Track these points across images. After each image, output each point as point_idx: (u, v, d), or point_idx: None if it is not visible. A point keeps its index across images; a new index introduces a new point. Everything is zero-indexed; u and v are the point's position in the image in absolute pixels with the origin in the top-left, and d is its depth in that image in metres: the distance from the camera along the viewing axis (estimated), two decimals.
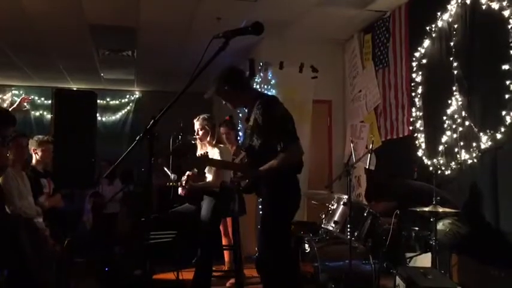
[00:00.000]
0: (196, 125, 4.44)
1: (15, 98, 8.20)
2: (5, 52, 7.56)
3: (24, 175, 4.30)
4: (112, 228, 7.23)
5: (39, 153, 4.68)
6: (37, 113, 10.04)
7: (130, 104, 10.52)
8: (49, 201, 4.62)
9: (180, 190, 4.45)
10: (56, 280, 4.24)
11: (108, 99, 10.36)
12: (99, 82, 9.63)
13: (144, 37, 6.87)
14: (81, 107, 6.06)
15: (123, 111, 10.48)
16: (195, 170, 4.54)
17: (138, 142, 2.14)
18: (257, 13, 5.64)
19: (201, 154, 3.85)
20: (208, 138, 4.41)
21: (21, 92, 9.95)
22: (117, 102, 10.48)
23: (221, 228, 5.13)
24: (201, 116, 4.47)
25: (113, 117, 10.43)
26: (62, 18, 6.17)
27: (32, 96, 9.23)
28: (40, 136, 4.82)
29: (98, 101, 7.37)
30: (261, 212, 3.26)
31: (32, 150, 4.63)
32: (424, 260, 4.10)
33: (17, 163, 4.25)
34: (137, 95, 10.56)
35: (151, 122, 2.12)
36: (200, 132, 4.41)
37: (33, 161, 4.67)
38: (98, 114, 8.58)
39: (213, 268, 4.54)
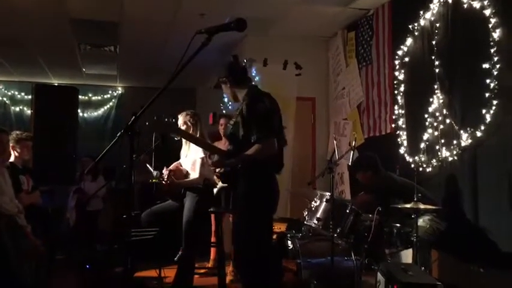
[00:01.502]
0: (180, 120, 4.44)
1: None
2: None
3: (5, 171, 4.22)
4: (94, 225, 7.16)
5: (18, 150, 4.59)
6: (17, 109, 9.87)
7: (113, 100, 10.38)
8: (27, 198, 4.53)
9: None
10: (36, 277, 4.18)
11: (90, 95, 10.22)
12: (81, 77, 9.49)
13: (127, 32, 6.79)
14: (62, 103, 6.00)
15: (106, 107, 10.35)
16: (181, 167, 4.51)
17: (118, 139, 2.11)
18: (241, 10, 5.62)
19: (174, 123, 3.82)
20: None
21: (0, 87, 9.79)
22: (100, 98, 10.34)
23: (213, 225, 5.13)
24: (184, 112, 4.46)
25: (95, 113, 10.29)
26: (42, 12, 6.05)
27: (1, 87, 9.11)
28: (18, 132, 4.72)
29: (80, 96, 7.28)
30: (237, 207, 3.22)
31: (10, 147, 4.54)
32: (406, 257, 4.15)
33: None
34: (120, 90, 10.43)
35: (132, 119, 2.10)
36: (182, 128, 4.38)
37: (12, 158, 4.58)
38: (79, 110, 8.49)
39: (196, 265, 4.53)
